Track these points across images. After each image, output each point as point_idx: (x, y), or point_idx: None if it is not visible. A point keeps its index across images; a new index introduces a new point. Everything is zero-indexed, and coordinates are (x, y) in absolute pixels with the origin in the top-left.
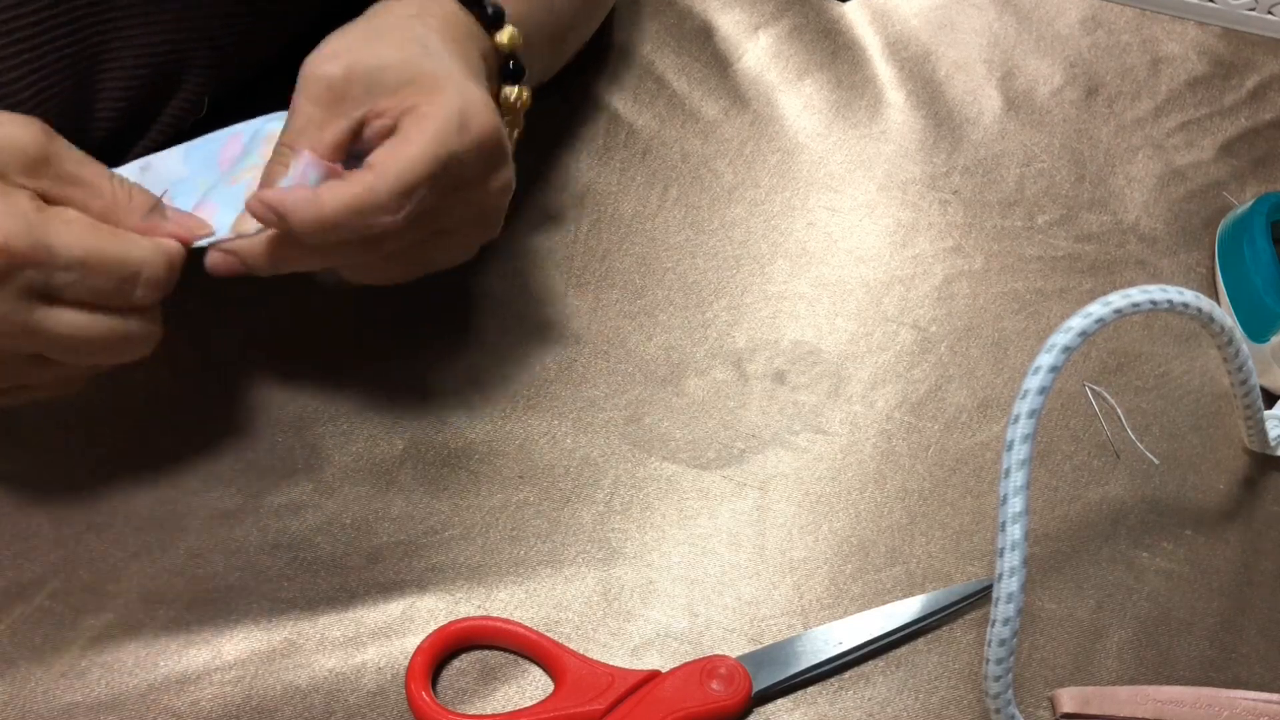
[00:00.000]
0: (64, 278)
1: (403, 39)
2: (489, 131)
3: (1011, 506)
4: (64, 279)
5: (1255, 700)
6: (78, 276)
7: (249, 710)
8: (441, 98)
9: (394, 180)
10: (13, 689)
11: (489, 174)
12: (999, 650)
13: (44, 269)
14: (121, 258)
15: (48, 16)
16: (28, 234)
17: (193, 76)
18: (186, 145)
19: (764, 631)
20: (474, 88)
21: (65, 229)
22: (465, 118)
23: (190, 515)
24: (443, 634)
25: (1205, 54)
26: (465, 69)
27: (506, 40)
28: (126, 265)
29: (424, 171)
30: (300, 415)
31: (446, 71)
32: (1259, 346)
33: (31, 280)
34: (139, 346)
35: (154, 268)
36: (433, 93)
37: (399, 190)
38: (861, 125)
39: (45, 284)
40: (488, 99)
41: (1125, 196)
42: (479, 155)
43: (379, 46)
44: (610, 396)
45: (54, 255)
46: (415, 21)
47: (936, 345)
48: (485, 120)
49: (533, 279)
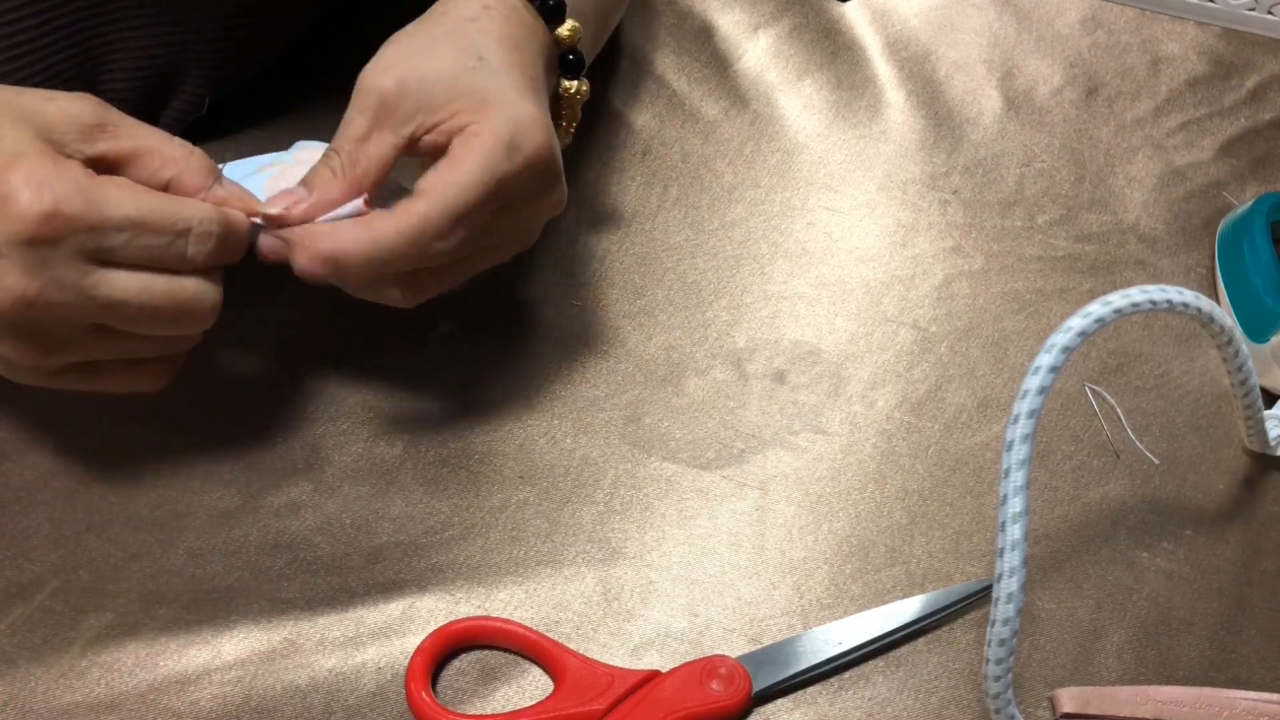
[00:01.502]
0: (117, 238)
1: (458, 49)
2: (540, 152)
3: (1011, 506)
4: (117, 240)
5: (1255, 700)
6: (130, 236)
7: (249, 710)
8: (492, 118)
9: (448, 207)
10: (13, 689)
11: (541, 193)
12: (999, 650)
13: (96, 231)
14: (173, 214)
15: (51, 18)
16: (79, 196)
17: (193, 77)
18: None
19: (764, 631)
20: (527, 105)
21: (116, 191)
22: (516, 138)
23: (190, 515)
24: (443, 634)
25: (1205, 54)
26: (520, 82)
27: (567, 33)
28: (178, 221)
29: (476, 196)
30: (300, 415)
31: (499, 88)
32: (1259, 346)
33: (84, 243)
34: (198, 311)
35: (206, 224)
36: (483, 111)
37: (452, 217)
38: (861, 125)
39: (99, 246)
40: (540, 115)
41: (1125, 196)
42: (530, 176)
43: (433, 58)
44: (610, 396)
45: (105, 216)
46: (473, 27)
47: (936, 345)
48: (537, 140)
49: (532, 279)
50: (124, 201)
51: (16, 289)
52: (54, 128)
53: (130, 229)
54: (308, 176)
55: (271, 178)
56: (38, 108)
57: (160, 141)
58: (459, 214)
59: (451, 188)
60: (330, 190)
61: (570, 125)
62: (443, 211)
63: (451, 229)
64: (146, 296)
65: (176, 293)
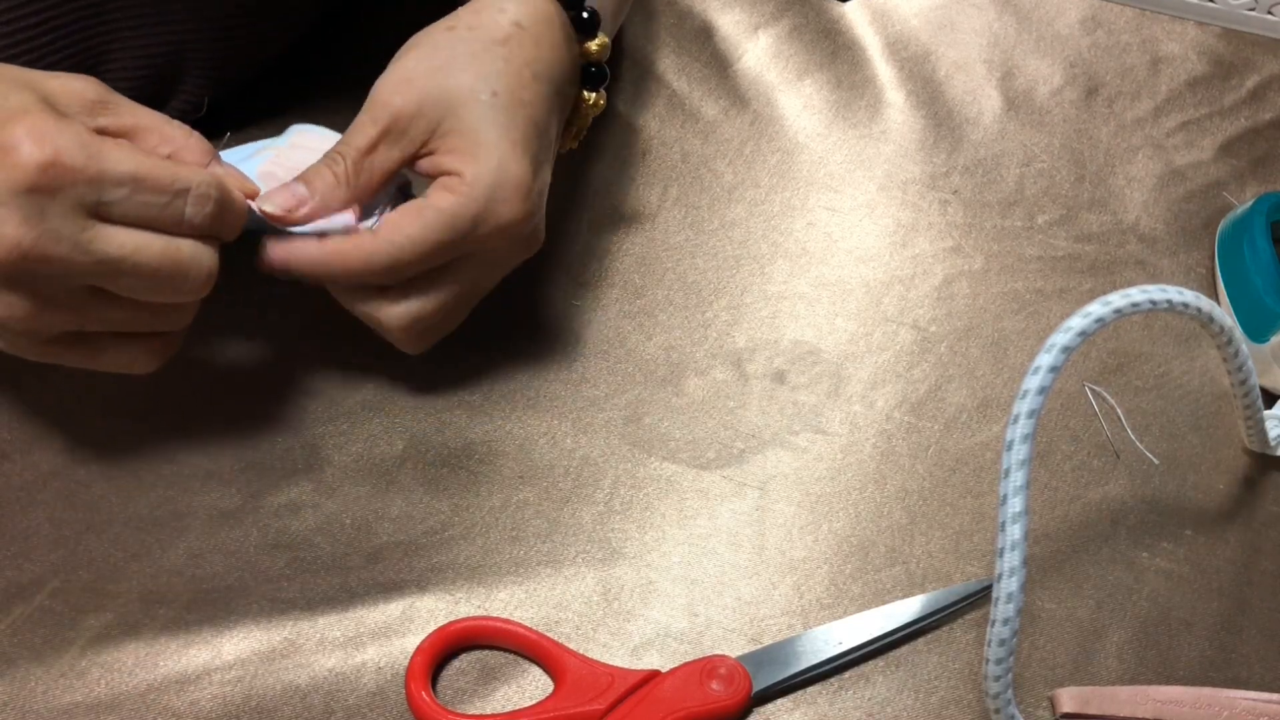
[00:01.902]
0: (115, 193)
1: (474, 79)
2: (515, 221)
3: (1011, 506)
4: (115, 194)
5: (1255, 700)
6: (129, 192)
7: (249, 710)
8: (472, 177)
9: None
10: (13, 689)
11: (512, 252)
12: (999, 650)
13: (95, 184)
14: (172, 174)
15: (49, 17)
16: (81, 149)
17: (193, 77)
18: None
19: (764, 631)
20: (514, 169)
21: (117, 149)
22: (491, 206)
23: (190, 515)
24: (443, 634)
25: (1205, 54)
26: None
27: (596, 48)
28: (176, 181)
29: (427, 252)
30: (300, 415)
31: (496, 138)
32: (1259, 346)
33: (83, 196)
34: (193, 275)
35: (204, 186)
36: (467, 165)
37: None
38: (861, 125)
39: (97, 200)
40: (524, 179)
41: (1125, 196)
42: (498, 241)
43: (450, 81)
44: (610, 396)
45: (105, 170)
46: (500, 52)
47: (936, 345)
48: (512, 212)
49: (533, 279)
50: (124, 159)
51: (13, 238)
52: (58, 99)
53: (129, 184)
54: (309, 175)
55: (267, 161)
56: (41, 81)
57: (160, 122)
58: (412, 253)
59: (408, 231)
60: (333, 197)
61: (579, 133)
62: (395, 247)
63: (397, 271)
64: (142, 255)
65: (172, 254)
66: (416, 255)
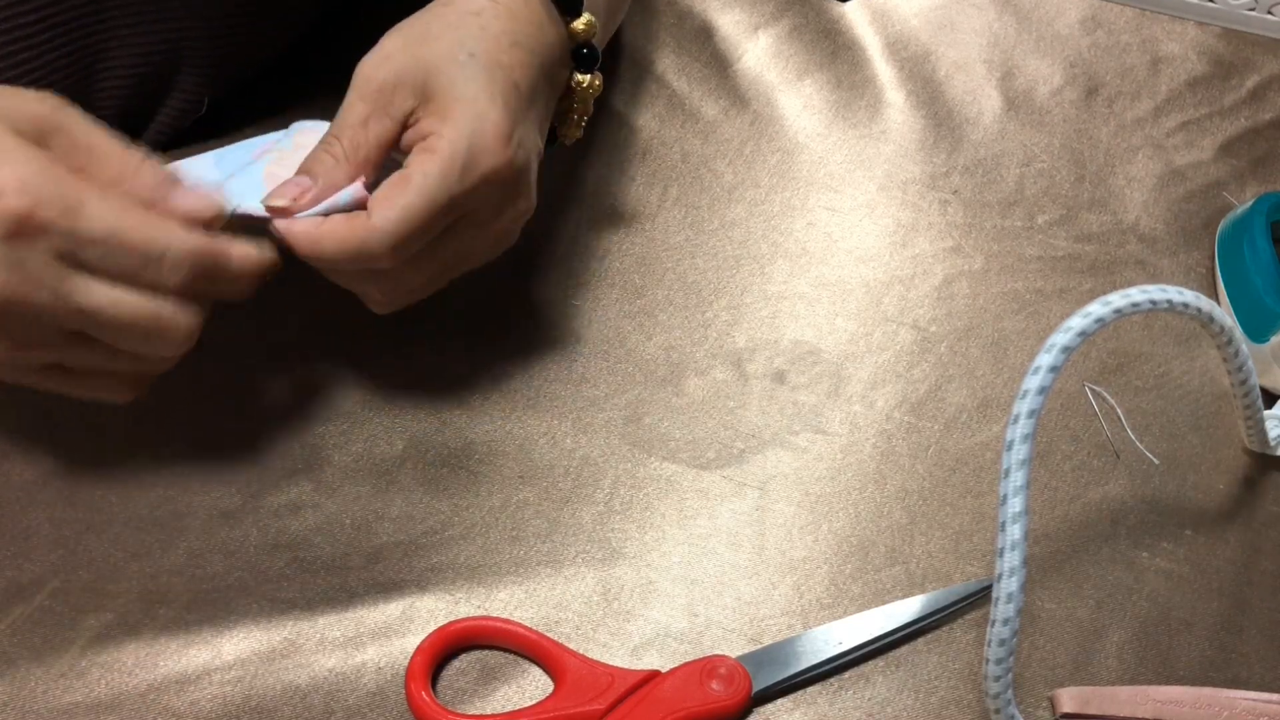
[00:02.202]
0: (92, 250)
1: (451, 45)
2: (498, 169)
3: (1011, 506)
4: (92, 251)
5: (1255, 700)
6: (105, 251)
7: (249, 710)
8: (452, 129)
9: (390, 229)
10: (13, 689)
11: (503, 204)
12: (999, 650)
13: (71, 238)
14: (148, 237)
15: (46, 15)
16: (59, 200)
17: (191, 75)
18: (218, 151)
19: (764, 631)
20: (493, 115)
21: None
22: (473, 155)
23: (190, 515)
24: (443, 634)
25: (1205, 54)
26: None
27: (582, 27)
28: (151, 244)
29: (421, 219)
30: (300, 415)
31: (473, 93)
32: (1259, 346)
33: (60, 247)
34: (170, 335)
35: (178, 254)
36: (448, 118)
37: (396, 236)
38: (861, 125)
39: (75, 253)
40: (504, 127)
41: (1125, 196)
42: (486, 192)
43: (427, 49)
44: (610, 396)
45: (80, 228)
46: (475, 21)
47: (936, 345)
48: (494, 159)
49: (532, 279)
50: (102, 215)
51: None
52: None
53: (104, 243)
54: (308, 164)
55: (271, 163)
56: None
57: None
58: (404, 233)
59: (397, 210)
60: (335, 176)
61: (581, 119)
62: (384, 233)
63: (397, 246)
64: (120, 309)
65: (150, 312)
66: (415, 227)
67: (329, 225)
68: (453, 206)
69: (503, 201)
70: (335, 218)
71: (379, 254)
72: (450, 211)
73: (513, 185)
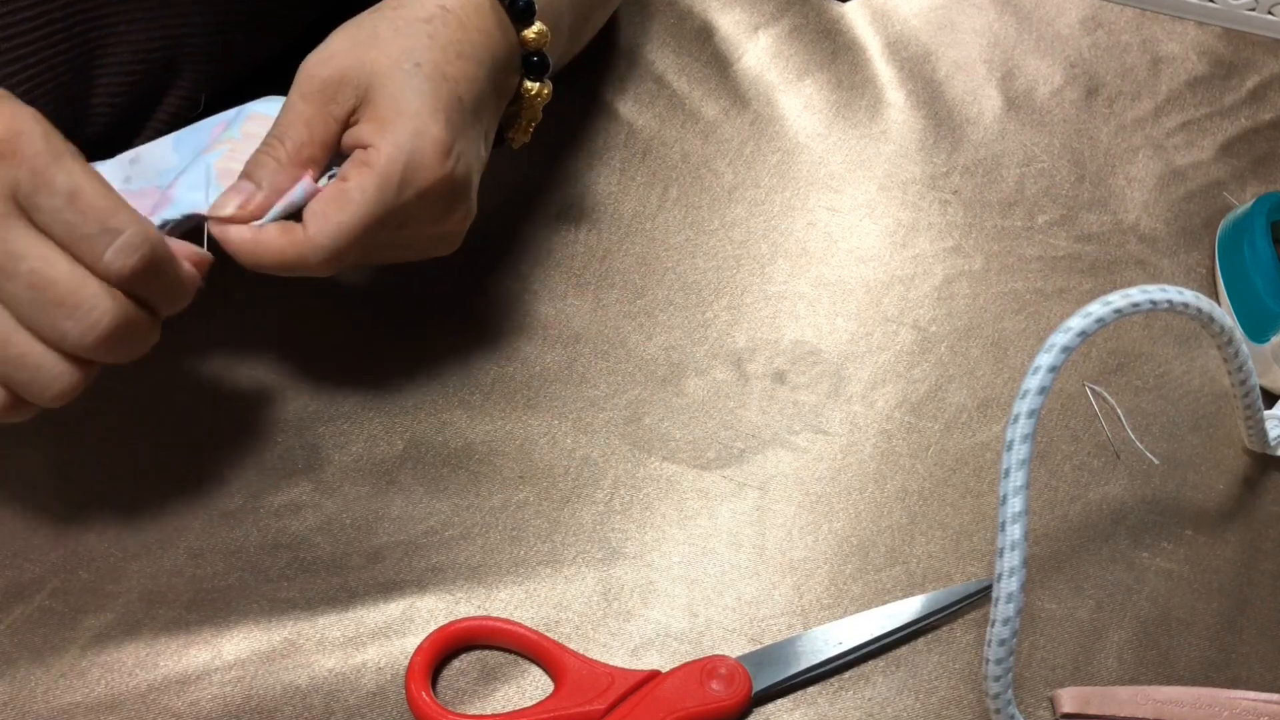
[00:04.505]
0: (49, 200)
1: (397, 52)
2: (435, 184)
3: (1011, 506)
4: (48, 201)
5: (1255, 700)
6: (63, 205)
7: (249, 710)
8: (389, 145)
9: (327, 244)
10: (13, 689)
11: (441, 216)
12: (999, 650)
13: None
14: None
15: (43, 12)
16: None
17: (189, 73)
18: (175, 135)
19: (764, 631)
20: (434, 129)
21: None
22: (410, 170)
23: (190, 515)
24: (443, 634)
25: (1205, 54)
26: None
27: (533, 36)
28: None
29: (357, 234)
30: (300, 415)
31: (415, 107)
32: (1259, 346)
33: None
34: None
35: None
36: (384, 135)
37: (330, 254)
38: (861, 125)
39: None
40: (443, 140)
41: (1125, 196)
42: (424, 204)
43: (373, 52)
44: (610, 396)
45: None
46: (423, 29)
47: (936, 345)
48: (431, 174)
49: (533, 279)
50: (75, 170)
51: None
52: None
53: (65, 198)
54: (251, 167)
55: (223, 156)
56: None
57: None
58: (340, 249)
59: (332, 224)
60: (278, 180)
61: (529, 124)
62: (323, 245)
63: (332, 260)
64: (45, 266)
65: (74, 283)
66: (350, 243)
67: (266, 236)
68: (389, 219)
69: (442, 212)
70: (271, 229)
71: (315, 266)
72: (386, 223)
73: (450, 197)
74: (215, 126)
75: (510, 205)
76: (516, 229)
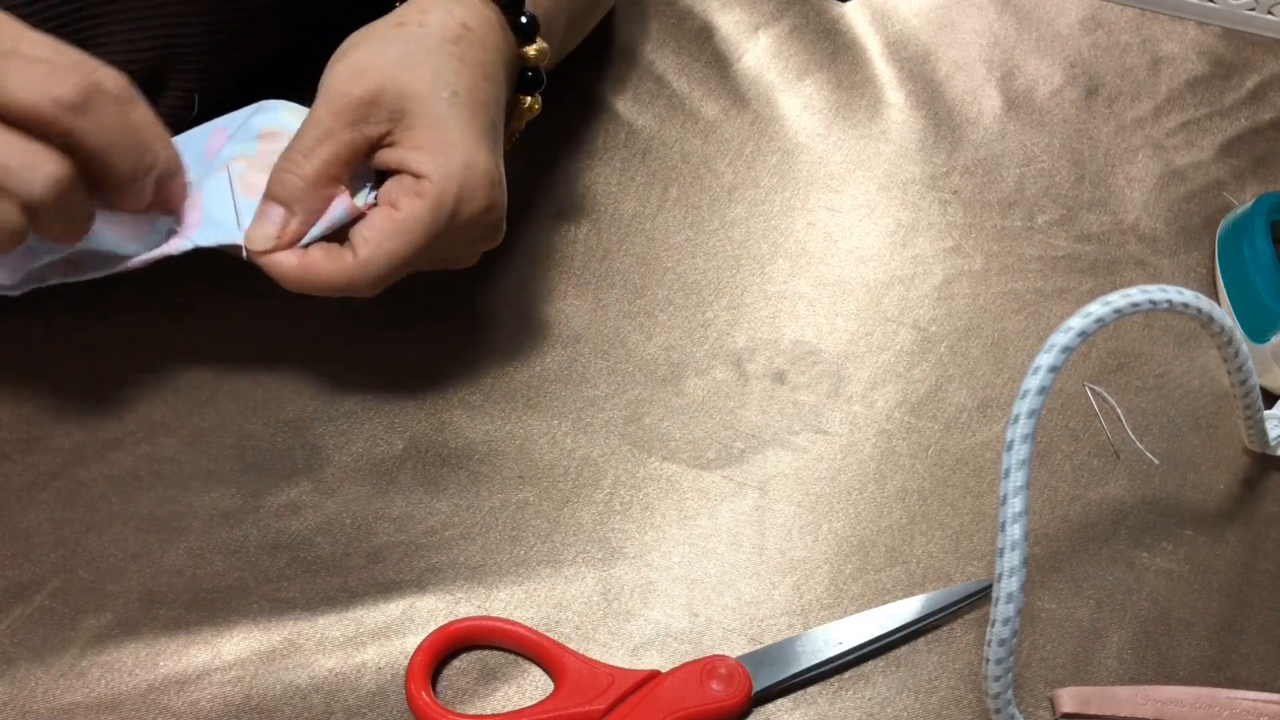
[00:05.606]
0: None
1: (436, 74)
2: (485, 212)
3: (1011, 506)
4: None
5: (1255, 700)
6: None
7: (249, 710)
8: (445, 170)
9: (378, 271)
10: (13, 689)
11: (479, 238)
12: (999, 650)
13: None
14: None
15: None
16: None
17: (181, 76)
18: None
19: (764, 631)
20: (481, 159)
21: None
22: (463, 198)
23: (190, 515)
24: (443, 634)
25: (1205, 54)
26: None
27: (534, 53)
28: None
29: (412, 254)
30: (300, 415)
31: (462, 138)
32: (1259, 346)
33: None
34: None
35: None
36: (440, 158)
37: (384, 270)
38: (861, 125)
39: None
40: (491, 170)
41: (1125, 196)
42: (469, 229)
43: (410, 75)
44: (610, 396)
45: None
46: (453, 51)
47: (936, 345)
48: (482, 199)
49: (533, 279)
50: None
51: None
52: None
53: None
54: (277, 189)
55: (241, 174)
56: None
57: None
58: (394, 267)
59: (384, 253)
60: (309, 202)
61: (513, 135)
62: (374, 272)
63: (384, 282)
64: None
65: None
66: (400, 268)
67: (313, 263)
68: (438, 240)
69: (480, 236)
70: (317, 255)
71: (364, 289)
72: (434, 248)
73: (492, 226)
74: (212, 131)
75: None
76: (516, 229)
